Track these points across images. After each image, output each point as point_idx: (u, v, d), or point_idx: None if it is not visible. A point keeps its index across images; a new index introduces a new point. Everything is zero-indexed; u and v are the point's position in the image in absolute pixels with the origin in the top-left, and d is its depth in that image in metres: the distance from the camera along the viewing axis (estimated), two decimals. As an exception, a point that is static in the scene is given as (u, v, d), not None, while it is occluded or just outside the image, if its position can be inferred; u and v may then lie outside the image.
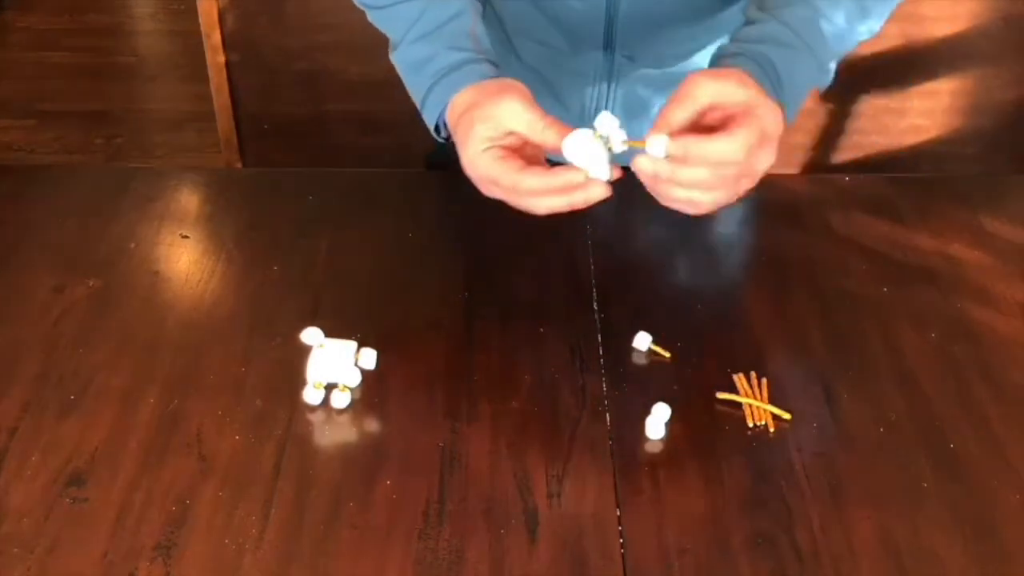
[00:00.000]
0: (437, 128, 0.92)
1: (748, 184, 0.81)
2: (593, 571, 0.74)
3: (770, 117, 0.79)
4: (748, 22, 0.92)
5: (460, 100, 0.87)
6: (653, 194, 0.81)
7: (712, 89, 0.79)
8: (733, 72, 0.81)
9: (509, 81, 0.85)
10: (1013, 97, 2.25)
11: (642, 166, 0.78)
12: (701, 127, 0.79)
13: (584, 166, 0.80)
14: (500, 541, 0.76)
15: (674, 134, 0.78)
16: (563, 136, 0.80)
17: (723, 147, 0.77)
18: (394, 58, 0.97)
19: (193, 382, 0.88)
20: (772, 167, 0.80)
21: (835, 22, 0.91)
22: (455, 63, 0.90)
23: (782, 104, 0.84)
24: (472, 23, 0.94)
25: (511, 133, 0.83)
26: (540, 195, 0.82)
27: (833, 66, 0.93)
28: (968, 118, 2.27)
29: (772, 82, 0.85)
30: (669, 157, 0.77)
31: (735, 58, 0.86)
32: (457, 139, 0.86)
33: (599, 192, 0.80)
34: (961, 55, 2.19)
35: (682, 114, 0.79)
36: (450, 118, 0.88)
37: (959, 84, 2.24)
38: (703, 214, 0.81)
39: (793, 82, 0.87)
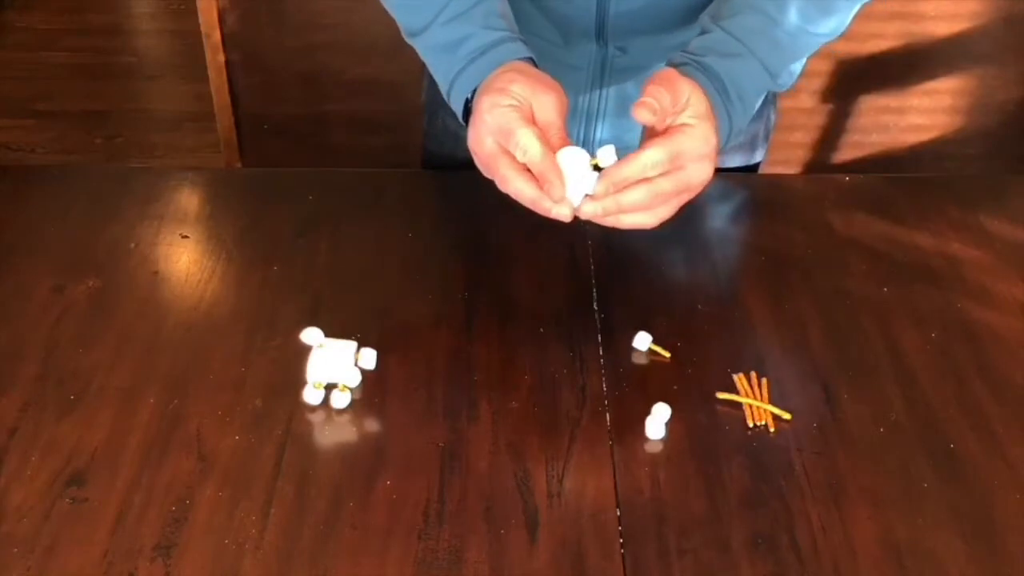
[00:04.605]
0: (465, 110, 0.92)
1: (688, 196, 0.85)
2: (593, 571, 0.74)
3: (694, 138, 0.83)
4: (699, 33, 0.96)
5: (510, 65, 0.89)
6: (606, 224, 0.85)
7: (687, 87, 0.84)
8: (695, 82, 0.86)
9: (558, 84, 0.87)
10: (1013, 97, 2.25)
11: (588, 210, 0.83)
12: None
13: (566, 182, 0.83)
14: (500, 541, 0.76)
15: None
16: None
17: (648, 158, 0.82)
18: (417, 41, 0.98)
19: (193, 382, 0.88)
20: (712, 178, 0.85)
21: (787, 26, 0.94)
22: (492, 42, 0.92)
23: (729, 113, 0.89)
24: (501, 3, 0.96)
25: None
26: (524, 175, 0.83)
27: (797, 67, 0.95)
28: (969, 118, 2.27)
29: (718, 89, 0.89)
30: (609, 188, 0.82)
31: (683, 67, 0.90)
32: (488, 86, 0.87)
33: (564, 212, 0.83)
34: (962, 55, 2.19)
35: (667, 98, 0.83)
36: (487, 79, 0.89)
37: (959, 84, 2.24)
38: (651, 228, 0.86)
39: (739, 89, 0.91)
